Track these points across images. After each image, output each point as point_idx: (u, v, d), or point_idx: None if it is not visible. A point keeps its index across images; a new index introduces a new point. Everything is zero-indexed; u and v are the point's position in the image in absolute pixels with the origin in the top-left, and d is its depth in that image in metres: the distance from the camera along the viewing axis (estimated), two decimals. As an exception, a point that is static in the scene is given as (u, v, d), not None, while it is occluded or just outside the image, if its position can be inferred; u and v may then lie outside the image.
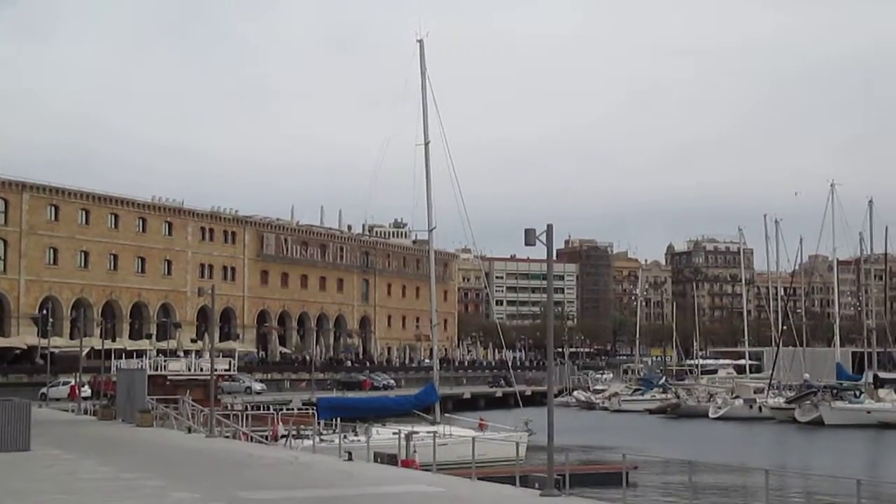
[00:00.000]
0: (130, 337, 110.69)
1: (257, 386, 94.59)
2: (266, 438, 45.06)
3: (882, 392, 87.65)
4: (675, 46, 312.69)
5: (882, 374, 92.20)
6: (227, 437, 44.58)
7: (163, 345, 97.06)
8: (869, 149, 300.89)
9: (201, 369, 70.94)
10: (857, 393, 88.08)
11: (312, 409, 51.40)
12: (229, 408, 59.92)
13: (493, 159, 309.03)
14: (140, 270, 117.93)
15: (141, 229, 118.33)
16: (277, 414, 49.43)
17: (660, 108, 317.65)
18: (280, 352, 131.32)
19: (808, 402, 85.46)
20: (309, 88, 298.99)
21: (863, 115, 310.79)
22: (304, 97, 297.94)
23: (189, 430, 46.82)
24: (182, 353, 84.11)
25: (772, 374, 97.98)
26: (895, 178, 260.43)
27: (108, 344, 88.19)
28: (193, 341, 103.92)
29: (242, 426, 47.49)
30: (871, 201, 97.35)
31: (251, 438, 44.57)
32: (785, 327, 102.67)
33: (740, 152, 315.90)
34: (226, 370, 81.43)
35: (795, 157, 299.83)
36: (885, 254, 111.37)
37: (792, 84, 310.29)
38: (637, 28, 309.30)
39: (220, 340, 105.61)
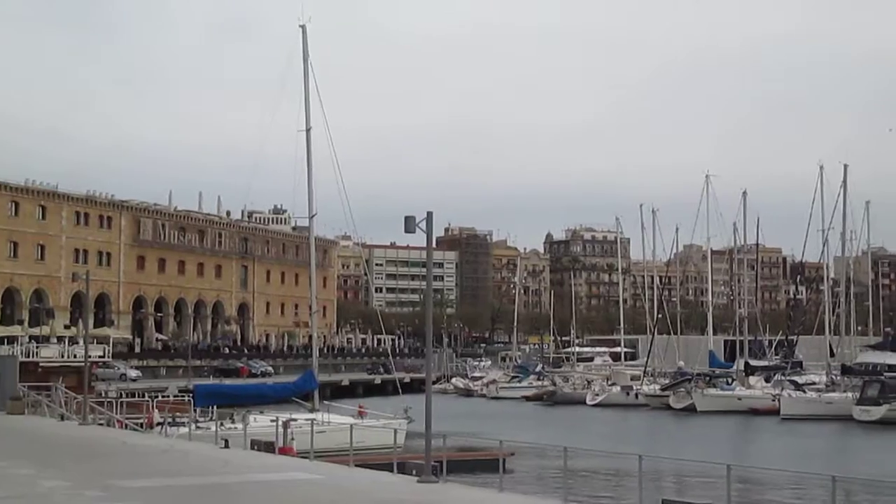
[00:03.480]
0: (1, 323, 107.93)
1: (132, 373, 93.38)
2: (141, 426, 44.49)
3: (752, 379, 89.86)
4: (559, 35, 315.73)
5: (753, 362, 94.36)
6: (102, 424, 44.01)
7: (35, 331, 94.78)
8: (744, 141, 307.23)
9: (75, 356, 69.77)
10: (729, 380, 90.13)
11: (189, 397, 50.92)
12: (103, 395, 59.07)
13: (377, 147, 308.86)
14: (12, 255, 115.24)
15: (13, 213, 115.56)
16: (153, 401, 48.88)
17: (541, 97, 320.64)
18: (156, 338, 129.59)
19: (682, 389, 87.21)
20: (189, 72, 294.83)
21: (738, 109, 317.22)
22: (184, 81, 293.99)
23: (62, 418, 46.09)
24: (55, 340, 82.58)
25: (647, 362, 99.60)
26: (769, 170, 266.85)
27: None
28: (67, 327, 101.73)
29: (117, 414, 46.85)
30: (744, 192, 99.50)
31: (126, 426, 44.02)
32: (660, 315, 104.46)
33: (619, 143, 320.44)
34: (100, 357, 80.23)
35: (673, 149, 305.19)
36: (757, 244, 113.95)
37: (672, 76, 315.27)
38: (522, 18, 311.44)
39: (95, 327, 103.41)
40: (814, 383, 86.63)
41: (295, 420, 41.04)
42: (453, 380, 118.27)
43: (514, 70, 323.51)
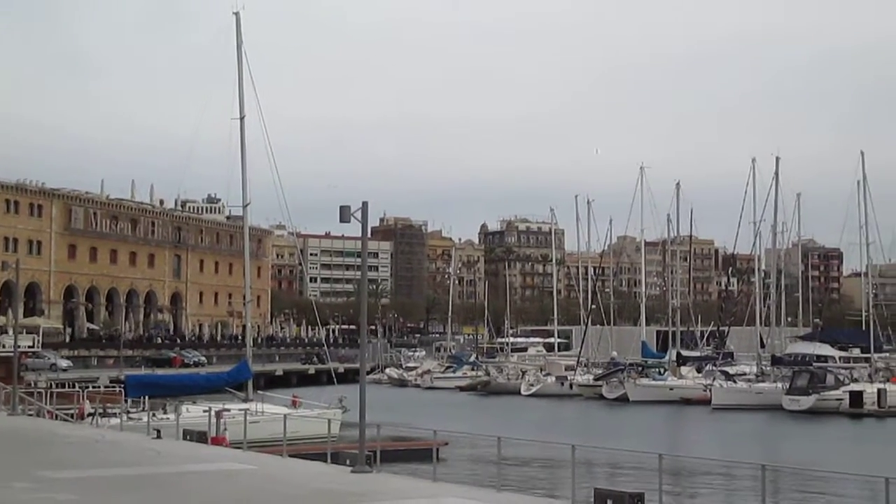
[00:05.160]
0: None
1: (63, 363, 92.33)
2: (72, 417, 44.10)
3: (684, 370, 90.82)
4: (496, 30, 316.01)
5: (685, 352, 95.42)
6: (31, 415, 43.55)
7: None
8: (680, 135, 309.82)
9: (3, 346, 68.98)
10: (661, 370, 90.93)
11: (120, 387, 50.50)
12: (33, 385, 58.41)
13: (314, 138, 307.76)
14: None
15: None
16: (84, 392, 48.44)
17: (480, 89, 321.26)
18: (88, 328, 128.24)
19: (615, 379, 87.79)
20: (123, 59, 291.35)
21: (675, 103, 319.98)
22: (118, 68, 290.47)
23: (-10, 409, 45.51)
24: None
25: (580, 352, 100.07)
26: (703, 163, 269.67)
27: None
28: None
29: (47, 404, 46.39)
30: (678, 184, 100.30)
31: (56, 417, 43.61)
32: (594, 306, 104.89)
33: (555, 135, 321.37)
34: (30, 346, 79.40)
35: (609, 141, 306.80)
36: (691, 235, 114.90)
37: (610, 72, 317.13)
38: (461, 9, 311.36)
39: (25, 316, 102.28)
40: (744, 374, 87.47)
41: (228, 410, 40.85)
42: (387, 370, 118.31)
43: (452, 63, 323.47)
